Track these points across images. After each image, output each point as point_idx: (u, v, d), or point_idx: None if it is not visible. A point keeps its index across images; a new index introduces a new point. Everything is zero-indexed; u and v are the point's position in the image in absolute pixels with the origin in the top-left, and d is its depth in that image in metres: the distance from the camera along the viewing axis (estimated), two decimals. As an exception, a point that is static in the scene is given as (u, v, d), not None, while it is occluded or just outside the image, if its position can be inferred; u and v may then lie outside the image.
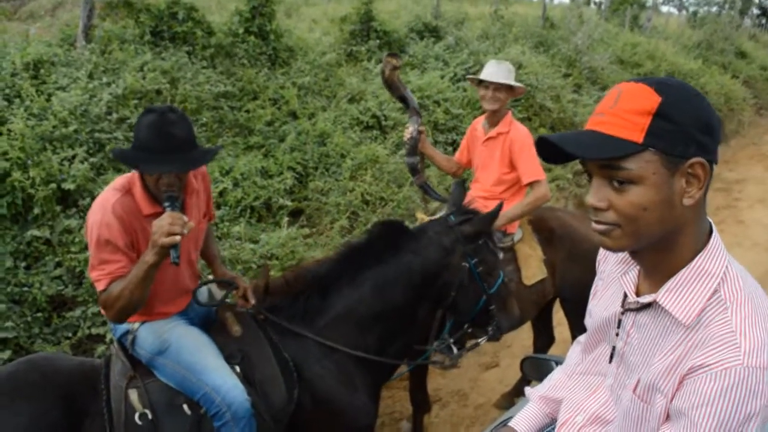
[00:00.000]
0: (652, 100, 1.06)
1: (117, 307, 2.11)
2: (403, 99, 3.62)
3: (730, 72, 15.78)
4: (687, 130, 1.05)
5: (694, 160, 1.06)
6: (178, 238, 1.97)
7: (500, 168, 3.54)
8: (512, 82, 3.50)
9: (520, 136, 3.46)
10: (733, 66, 16.58)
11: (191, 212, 2.39)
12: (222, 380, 2.26)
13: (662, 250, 1.15)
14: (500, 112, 3.54)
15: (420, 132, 3.59)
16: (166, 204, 2.10)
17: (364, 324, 2.56)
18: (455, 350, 2.93)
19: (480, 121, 3.73)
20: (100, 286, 2.15)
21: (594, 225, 1.15)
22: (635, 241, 1.12)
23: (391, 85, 3.54)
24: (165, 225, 1.98)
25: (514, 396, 4.08)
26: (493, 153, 3.55)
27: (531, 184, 3.45)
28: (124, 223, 2.15)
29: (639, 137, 1.06)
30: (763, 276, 5.98)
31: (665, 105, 1.05)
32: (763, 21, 33.28)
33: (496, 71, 3.48)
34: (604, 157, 1.08)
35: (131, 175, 2.26)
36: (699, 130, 1.06)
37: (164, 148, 2.09)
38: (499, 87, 3.47)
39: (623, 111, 1.08)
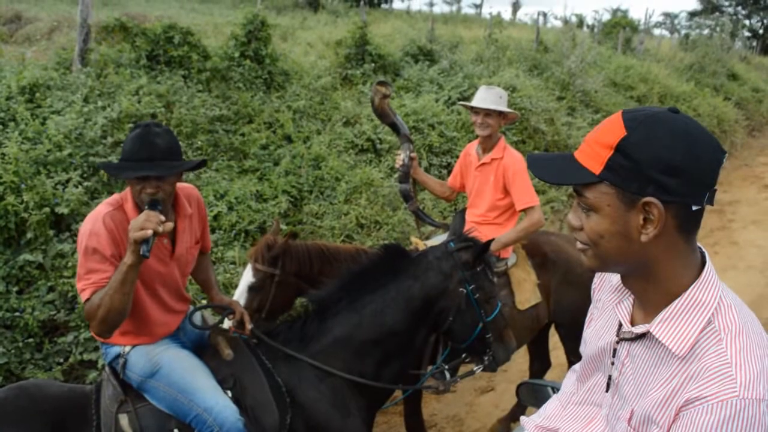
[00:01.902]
0: (617, 134, 1.08)
1: (99, 316, 2.10)
2: (393, 126, 3.63)
3: (722, 94, 15.93)
4: (643, 169, 1.05)
5: (646, 199, 1.06)
6: (149, 232, 1.97)
7: (494, 194, 3.54)
8: (502, 108, 3.51)
9: (514, 162, 3.47)
10: (725, 88, 16.75)
11: (183, 237, 2.40)
12: (214, 401, 2.25)
13: (645, 280, 1.16)
14: (493, 137, 3.55)
15: (411, 158, 3.60)
16: (146, 207, 2.11)
17: (361, 348, 2.54)
18: (448, 376, 2.92)
19: (473, 146, 3.74)
20: (84, 296, 2.14)
21: (576, 243, 1.21)
22: (603, 263, 1.17)
23: (381, 113, 3.56)
24: (140, 221, 2.00)
25: (510, 421, 4.04)
26: (486, 179, 3.56)
27: (525, 210, 3.46)
28: (114, 235, 2.16)
29: (597, 169, 1.10)
30: (757, 299, 5.98)
31: (626, 141, 1.06)
32: (754, 43, 33.70)
33: (485, 97, 3.50)
34: (561, 183, 1.15)
35: (124, 192, 2.29)
36: (659, 171, 1.05)
37: (146, 157, 2.15)
38: (489, 113, 3.48)
39: (594, 141, 1.12)
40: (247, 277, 3.16)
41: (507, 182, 3.48)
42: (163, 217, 2.05)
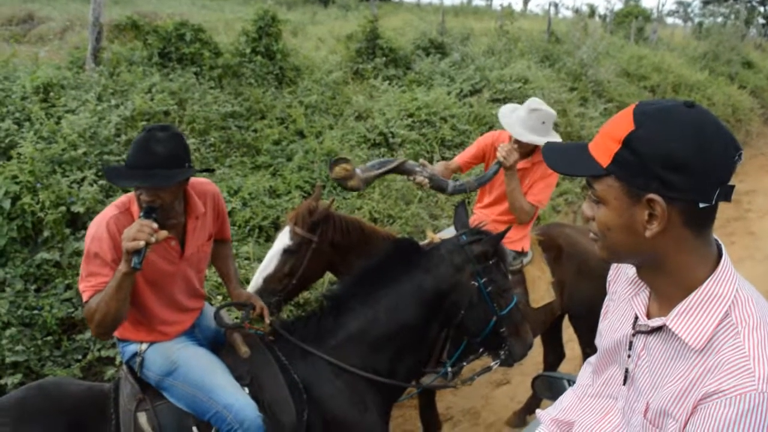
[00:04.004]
0: (625, 128, 1.07)
1: (95, 320, 2.11)
2: (386, 173, 3.25)
3: (736, 82, 15.75)
4: (649, 165, 1.05)
5: (650, 196, 1.06)
6: (141, 243, 1.96)
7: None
8: (537, 140, 3.28)
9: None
10: (739, 76, 16.56)
11: (192, 235, 2.39)
12: (234, 398, 2.26)
13: (659, 273, 1.16)
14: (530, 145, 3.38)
15: (424, 165, 3.24)
16: (141, 214, 2.10)
17: (376, 343, 2.55)
18: (450, 376, 2.90)
19: (506, 140, 3.47)
20: (84, 298, 2.16)
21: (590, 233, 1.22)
22: (613, 255, 1.19)
23: (366, 183, 3.15)
24: (132, 231, 1.99)
25: (526, 413, 4.05)
26: (521, 182, 3.40)
27: (530, 202, 3.39)
28: (116, 240, 2.15)
29: (605, 162, 1.10)
30: (775, 289, 5.91)
31: (634, 136, 1.06)
32: (769, 31, 33.27)
33: (525, 120, 3.31)
34: (570, 174, 1.17)
35: (132, 194, 2.28)
36: (665, 168, 1.04)
37: (144, 164, 2.12)
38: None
39: (605, 133, 1.12)
40: (283, 239, 3.09)
41: (538, 177, 3.39)
42: (155, 226, 2.03)
